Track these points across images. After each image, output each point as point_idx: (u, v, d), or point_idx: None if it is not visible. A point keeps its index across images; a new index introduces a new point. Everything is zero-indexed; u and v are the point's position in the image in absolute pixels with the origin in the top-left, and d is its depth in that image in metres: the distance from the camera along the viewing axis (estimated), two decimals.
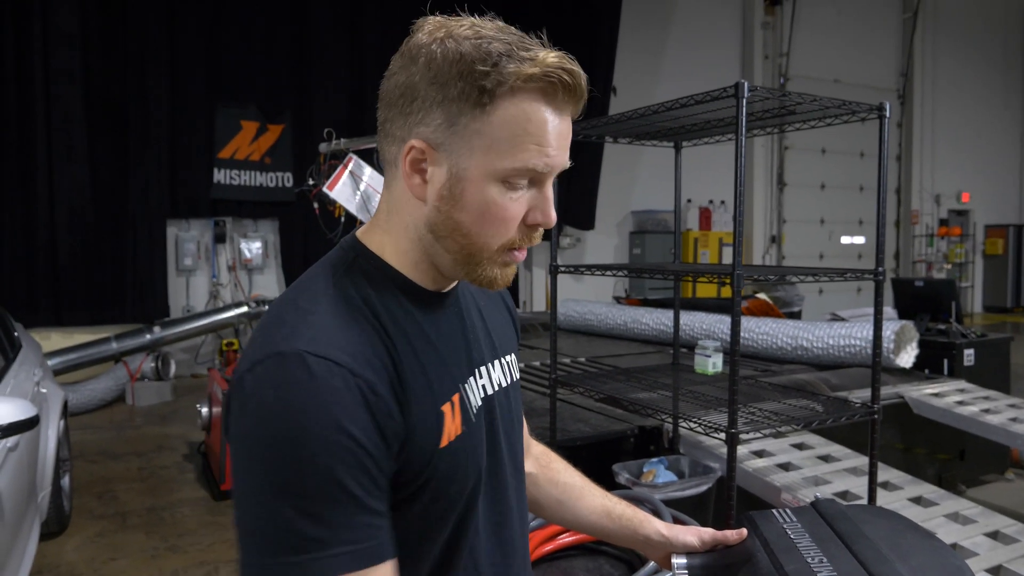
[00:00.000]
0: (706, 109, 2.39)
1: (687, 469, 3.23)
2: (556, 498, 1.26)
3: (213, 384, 4.85)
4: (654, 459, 3.26)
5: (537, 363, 4.96)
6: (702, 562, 1.33)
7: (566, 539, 2.28)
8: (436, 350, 0.87)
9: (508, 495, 1.00)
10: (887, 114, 2.41)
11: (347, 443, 0.75)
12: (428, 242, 0.87)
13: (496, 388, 0.98)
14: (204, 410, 4.67)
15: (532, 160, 0.82)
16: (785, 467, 3.06)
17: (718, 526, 1.33)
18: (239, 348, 7.73)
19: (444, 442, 0.84)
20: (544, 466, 1.27)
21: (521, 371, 5.14)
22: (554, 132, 0.82)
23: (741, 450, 3.22)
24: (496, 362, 1.00)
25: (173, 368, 7.60)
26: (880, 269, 2.43)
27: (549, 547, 2.26)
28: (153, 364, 7.28)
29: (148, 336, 7.46)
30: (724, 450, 3.27)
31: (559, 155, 0.84)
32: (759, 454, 3.19)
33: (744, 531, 1.30)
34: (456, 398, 0.88)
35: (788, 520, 1.34)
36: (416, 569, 0.87)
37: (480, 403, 0.93)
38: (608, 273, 3.03)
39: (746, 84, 2.11)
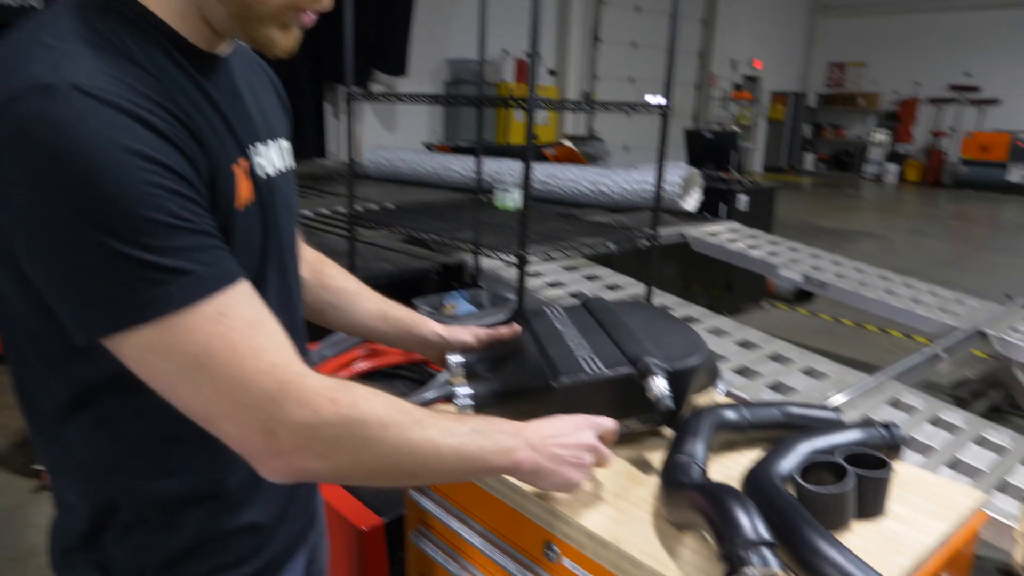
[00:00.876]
0: None
1: (487, 301, 3.37)
2: (330, 302, 1.25)
3: None
4: (454, 292, 3.36)
5: (341, 208, 4.84)
6: (477, 357, 1.40)
7: (361, 365, 2.31)
8: (216, 108, 0.80)
9: (290, 282, 0.98)
10: None
11: (153, 168, 0.68)
12: None
13: (274, 171, 0.93)
14: None
15: None
16: (577, 295, 3.29)
17: None
18: None
19: (238, 204, 0.80)
20: (317, 271, 1.24)
21: (324, 217, 4.98)
22: None
23: (537, 282, 3.41)
24: (271, 143, 0.94)
25: None
26: (666, 103, 2.55)
27: (344, 374, 2.28)
28: None
29: None
30: (526, 282, 3.44)
31: None
32: (554, 285, 3.39)
33: (518, 327, 1.39)
34: (244, 163, 0.83)
35: (558, 315, 1.44)
36: None
37: (264, 178, 0.88)
38: (413, 101, 2.94)
39: None
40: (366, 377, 2.32)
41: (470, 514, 1.27)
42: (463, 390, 1.25)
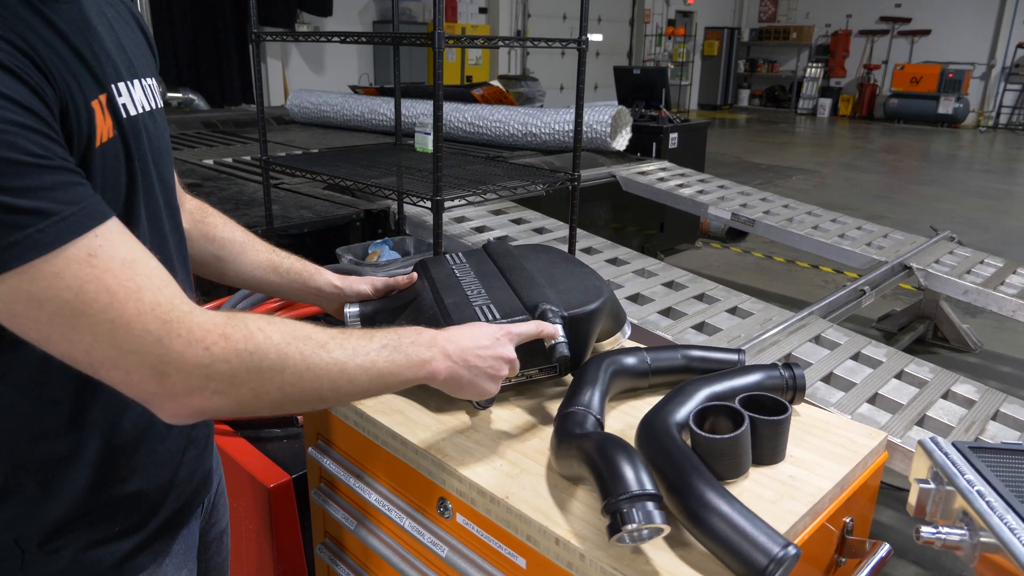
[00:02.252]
0: None
1: (412, 248, 3.27)
2: (214, 254, 1.18)
3: None
4: (379, 240, 3.25)
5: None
6: (374, 308, 1.33)
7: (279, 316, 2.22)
8: (70, 43, 0.73)
9: (165, 227, 0.91)
10: None
11: (12, 107, 0.63)
12: None
13: (140, 110, 0.86)
14: None
15: None
16: (503, 239, 3.21)
17: None
18: None
19: (98, 141, 0.74)
20: (199, 221, 1.17)
21: (244, 164, 4.76)
22: None
23: (462, 227, 3.32)
24: (136, 82, 0.87)
25: None
26: (584, 38, 2.45)
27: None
28: None
29: None
30: (451, 228, 3.35)
31: None
32: (480, 230, 3.31)
33: (415, 275, 1.32)
34: (104, 99, 0.76)
35: (458, 262, 1.37)
36: None
37: (126, 118, 0.81)
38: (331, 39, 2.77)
39: None
40: None
41: (368, 471, 1.21)
42: None
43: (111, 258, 0.68)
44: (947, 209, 7.72)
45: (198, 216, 1.17)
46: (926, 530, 0.74)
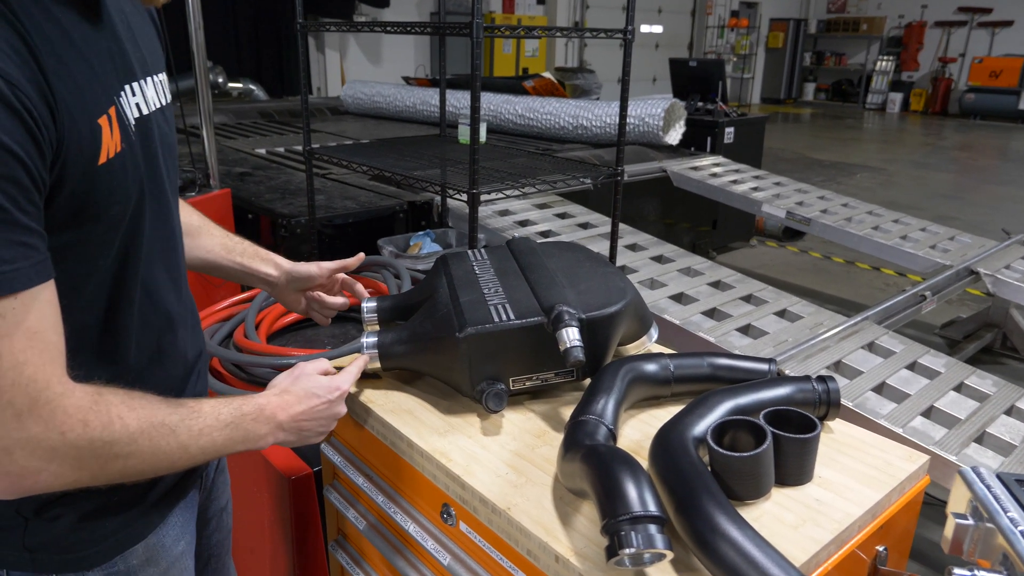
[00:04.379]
0: None
1: (454, 241, 3.24)
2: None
3: None
4: (421, 232, 3.23)
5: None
6: (391, 304, 1.30)
7: None
8: (83, 57, 0.75)
9: (172, 221, 0.95)
10: None
11: None
12: None
13: (152, 108, 0.89)
14: None
15: None
16: (545, 234, 3.16)
17: None
18: None
19: (103, 159, 0.75)
20: None
21: (293, 154, 4.79)
22: None
23: (504, 221, 3.27)
24: (148, 80, 0.89)
25: None
26: (629, 28, 2.37)
27: (291, 317, 2.19)
28: None
29: None
30: (494, 222, 3.31)
31: None
32: (523, 224, 3.26)
33: (361, 255, 1.37)
34: (113, 112, 0.78)
35: (479, 259, 1.33)
36: (91, 294, 0.81)
37: (135, 121, 0.83)
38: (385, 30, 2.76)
39: None
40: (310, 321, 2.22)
41: (377, 471, 1.18)
42: (369, 339, 1.17)
43: (16, 324, 0.67)
44: (1023, 211, 7.32)
45: None
46: (959, 572, 0.66)
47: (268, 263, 1.27)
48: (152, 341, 0.90)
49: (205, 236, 1.21)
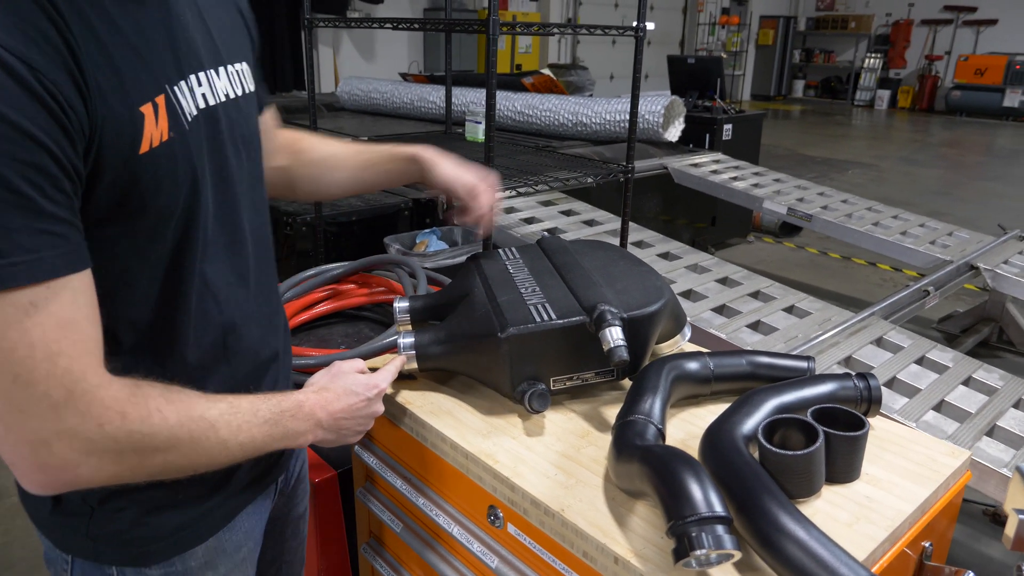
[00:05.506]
0: None
1: (460, 238, 3.23)
2: (311, 176, 1.23)
3: None
4: (427, 230, 3.22)
5: None
6: (423, 304, 1.30)
7: (323, 308, 2.21)
8: (131, 44, 0.74)
9: (240, 217, 0.92)
10: None
11: (11, 135, 0.62)
12: None
13: (222, 99, 0.88)
14: None
15: None
16: (552, 231, 3.15)
17: None
18: None
19: (145, 147, 0.74)
20: (295, 152, 1.21)
21: None
22: None
23: (511, 218, 3.27)
24: (221, 70, 0.89)
25: None
26: (641, 25, 2.37)
27: (305, 316, 2.18)
28: None
29: None
30: (499, 219, 3.31)
31: None
32: (528, 221, 3.25)
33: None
34: (161, 100, 0.76)
35: (511, 257, 1.32)
36: (144, 289, 0.80)
37: (197, 112, 0.82)
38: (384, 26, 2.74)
39: None
40: (328, 318, 2.22)
41: (416, 473, 1.18)
42: (406, 339, 1.16)
43: (49, 314, 0.67)
44: (1012, 207, 7.39)
45: (295, 148, 1.21)
46: None
47: (404, 152, 1.25)
48: (214, 339, 0.89)
49: (343, 160, 1.23)
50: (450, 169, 1.24)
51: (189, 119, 0.80)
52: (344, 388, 0.98)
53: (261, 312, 0.97)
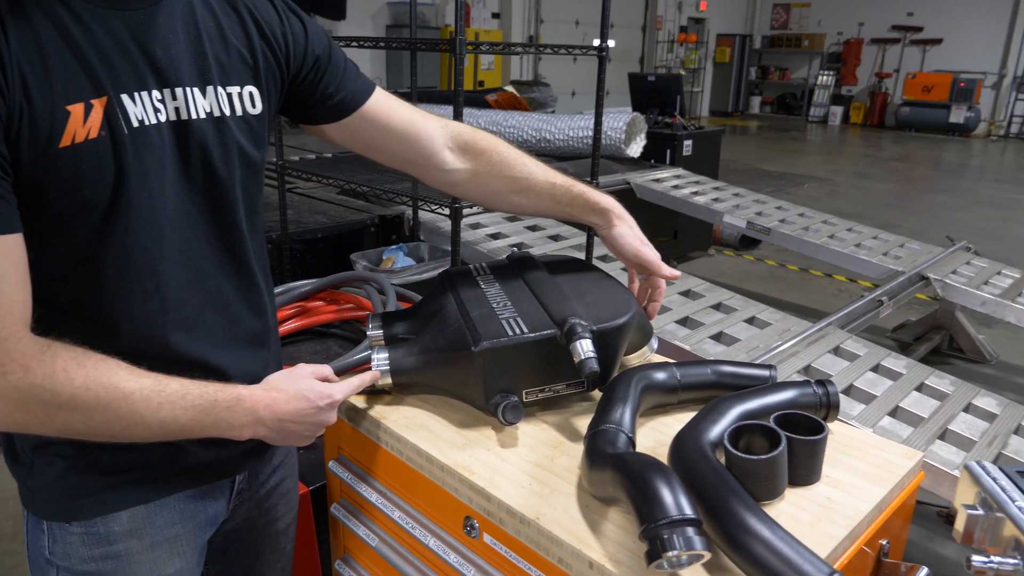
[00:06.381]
0: None
1: (426, 255, 3.25)
2: (494, 189, 1.25)
3: None
4: (393, 247, 3.24)
5: (273, 158, 4.63)
6: (395, 320, 1.32)
7: (292, 325, 2.21)
8: (77, 50, 0.80)
9: (201, 229, 0.95)
10: None
11: None
12: None
13: (200, 115, 0.91)
14: None
15: None
16: (519, 246, 3.19)
17: None
18: None
19: (66, 142, 0.79)
20: (484, 162, 1.22)
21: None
22: None
23: (477, 234, 3.30)
24: (208, 88, 0.92)
25: None
26: (604, 45, 2.44)
27: None
28: None
29: None
30: (466, 235, 3.34)
31: None
32: (495, 236, 3.29)
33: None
34: (100, 102, 0.82)
35: (482, 273, 1.35)
36: (63, 271, 0.86)
37: (160, 122, 0.87)
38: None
39: None
40: (297, 336, 2.22)
41: (391, 487, 1.19)
42: (379, 355, 1.17)
43: None
44: (960, 218, 7.66)
45: (479, 155, 1.21)
46: (978, 559, 0.72)
47: (596, 214, 1.26)
48: (153, 337, 0.91)
49: (525, 195, 1.24)
50: (636, 240, 1.26)
51: (136, 125, 0.85)
52: (296, 392, 0.98)
53: (221, 319, 0.99)
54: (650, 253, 1.25)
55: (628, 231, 1.25)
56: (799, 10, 17.74)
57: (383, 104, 1.15)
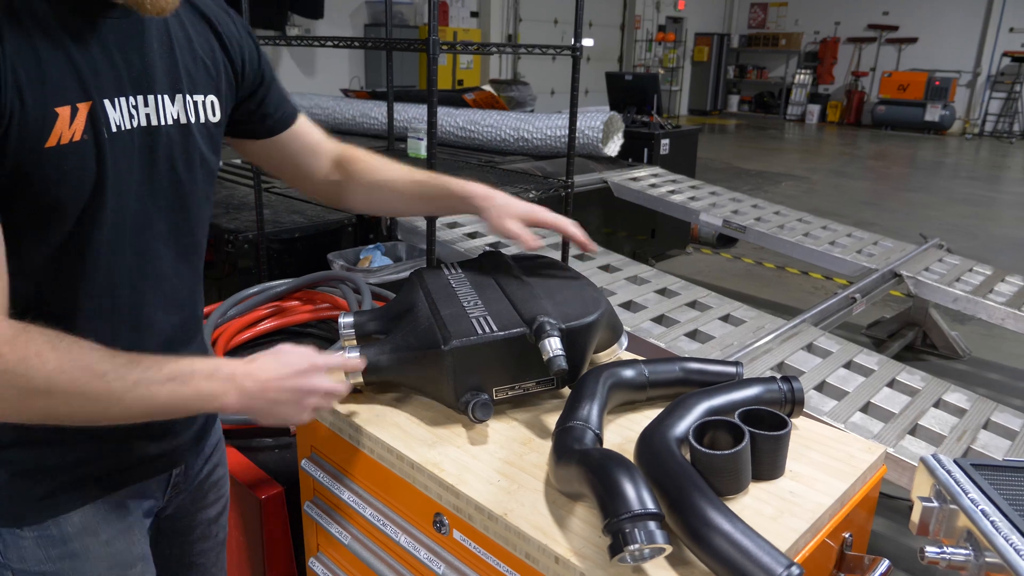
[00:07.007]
0: None
1: (404, 254, 3.25)
2: (366, 197, 1.31)
3: None
4: (371, 246, 3.23)
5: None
6: (367, 318, 1.32)
7: (267, 325, 2.20)
8: (67, 55, 0.83)
9: (159, 230, 0.97)
10: None
11: None
12: None
13: (167, 122, 0.95)
14: None
15: None
16: (494, 246, 3.20)
17: None
18: None
19: (52, 142, 0.82)
20: (351, 172, 1.27)
21: (235, 168, 4.71)
22: None
23: (454, 233, 3.31)
24: (177, 96, 0.96)
25: None
26: (578, 45, 2.45)
27: (248, 334, 2.17)
28: None
29: None
30: (443, 234, 3.34)
31: None
32: (472, 235, 3.29)
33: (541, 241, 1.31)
34: (85, 106, 0.84)
35: (454, 272, 1.36)
36: (37, 263, 0.87)
37: (133, 127, 0.90)
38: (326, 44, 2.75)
39: None
40: (273, 335, 2.21)
41: (363, 485, 1.20)
42: (351, 354, 1.18)
43: None
44: (934, 216, 7.77)
45: (348, 167, 1.27)
46: (931, 550, 0.73)
47: (469, 200, 1.28)
48: (103, 336, 0.90)
49: (394, 198, 1.30)
50: (521, 202, 1.28)
51: (114, 130, 0.87)
52: (275, 357, 0.96)
53: (169, 322, 1.02)
54: (537, 207, 1.29)
55: (508, 198, 1.28)
56: (776, 9, 17.89)
57: (306, 126, 1.23)
